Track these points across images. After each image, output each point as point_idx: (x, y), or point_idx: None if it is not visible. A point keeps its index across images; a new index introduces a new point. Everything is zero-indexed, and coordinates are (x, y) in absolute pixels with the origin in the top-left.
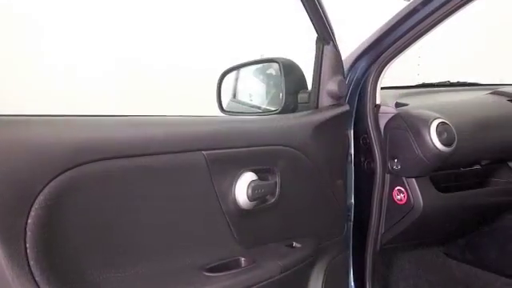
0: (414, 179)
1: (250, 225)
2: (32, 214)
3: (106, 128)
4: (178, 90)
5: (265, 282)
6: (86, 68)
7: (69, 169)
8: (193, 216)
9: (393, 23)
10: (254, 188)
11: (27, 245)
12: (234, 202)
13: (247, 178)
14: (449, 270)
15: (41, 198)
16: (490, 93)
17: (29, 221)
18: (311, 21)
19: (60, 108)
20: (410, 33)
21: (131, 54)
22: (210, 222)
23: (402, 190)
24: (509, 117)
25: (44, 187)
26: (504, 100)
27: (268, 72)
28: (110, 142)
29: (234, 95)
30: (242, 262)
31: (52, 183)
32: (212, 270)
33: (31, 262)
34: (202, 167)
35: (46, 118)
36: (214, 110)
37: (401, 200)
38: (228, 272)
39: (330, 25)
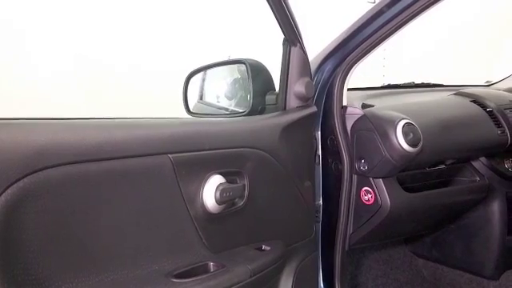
0: (381, 180)
1: (218, 229)
2: None
3: (68, 131)
4: (140, 91)
5: (234, 287)
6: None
7: (28, 174)
8: (159, 221)
9: (359, 25)
10: (222, 191)
11: None
12: (202, 205)
13: (215, 181)
14: (416, 269)
15: None
16: (454, 94)
17: None
18: (278, 22)
19: (18, 110)
20: (376, 34)
21: (93, 54)
22: (177, 226)
23: (370, 190)
24: (471, 117)
25: (1, 194)
26: (467, 101)
27: (235, 73)
28: (72, 145)
29: (201, 97)
30: (211, 266)
31: (9, 190)
32: (180, 275)
33: None
34: (168, 171)
35: (3, 121)
36: (179, 111)
37: (368, 200)
38: (196, 277)
39: (296, 26)
